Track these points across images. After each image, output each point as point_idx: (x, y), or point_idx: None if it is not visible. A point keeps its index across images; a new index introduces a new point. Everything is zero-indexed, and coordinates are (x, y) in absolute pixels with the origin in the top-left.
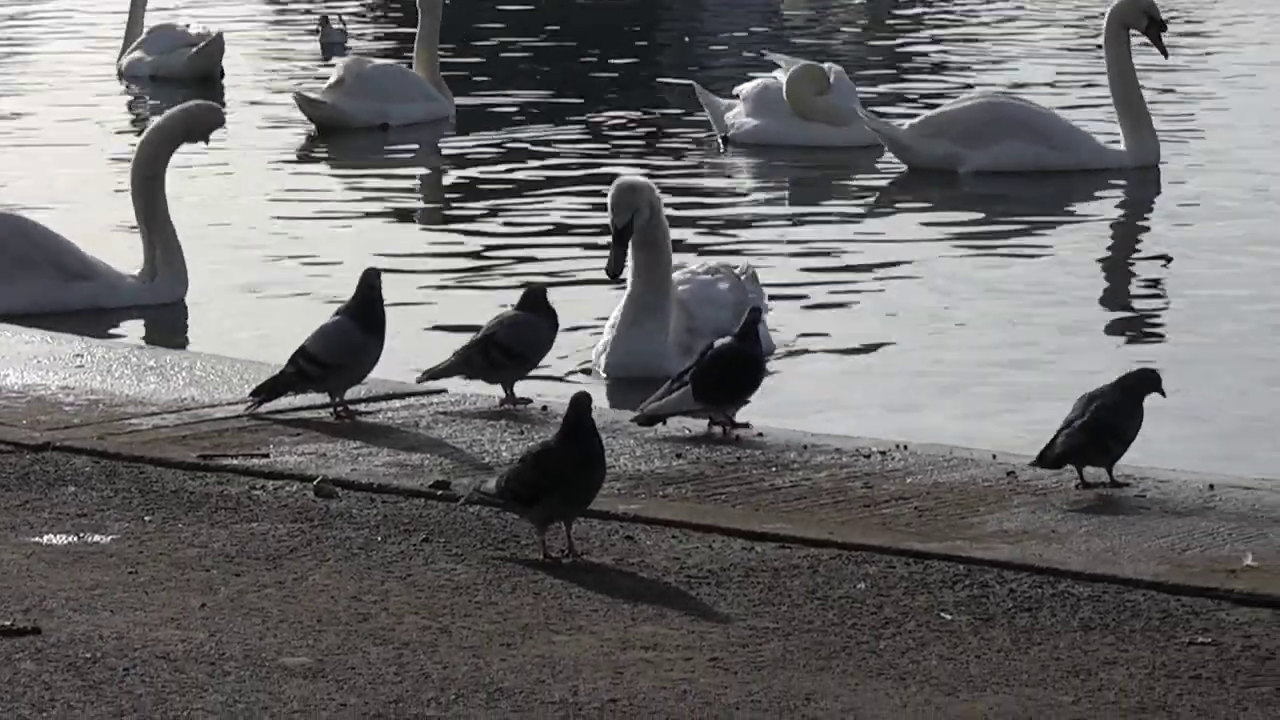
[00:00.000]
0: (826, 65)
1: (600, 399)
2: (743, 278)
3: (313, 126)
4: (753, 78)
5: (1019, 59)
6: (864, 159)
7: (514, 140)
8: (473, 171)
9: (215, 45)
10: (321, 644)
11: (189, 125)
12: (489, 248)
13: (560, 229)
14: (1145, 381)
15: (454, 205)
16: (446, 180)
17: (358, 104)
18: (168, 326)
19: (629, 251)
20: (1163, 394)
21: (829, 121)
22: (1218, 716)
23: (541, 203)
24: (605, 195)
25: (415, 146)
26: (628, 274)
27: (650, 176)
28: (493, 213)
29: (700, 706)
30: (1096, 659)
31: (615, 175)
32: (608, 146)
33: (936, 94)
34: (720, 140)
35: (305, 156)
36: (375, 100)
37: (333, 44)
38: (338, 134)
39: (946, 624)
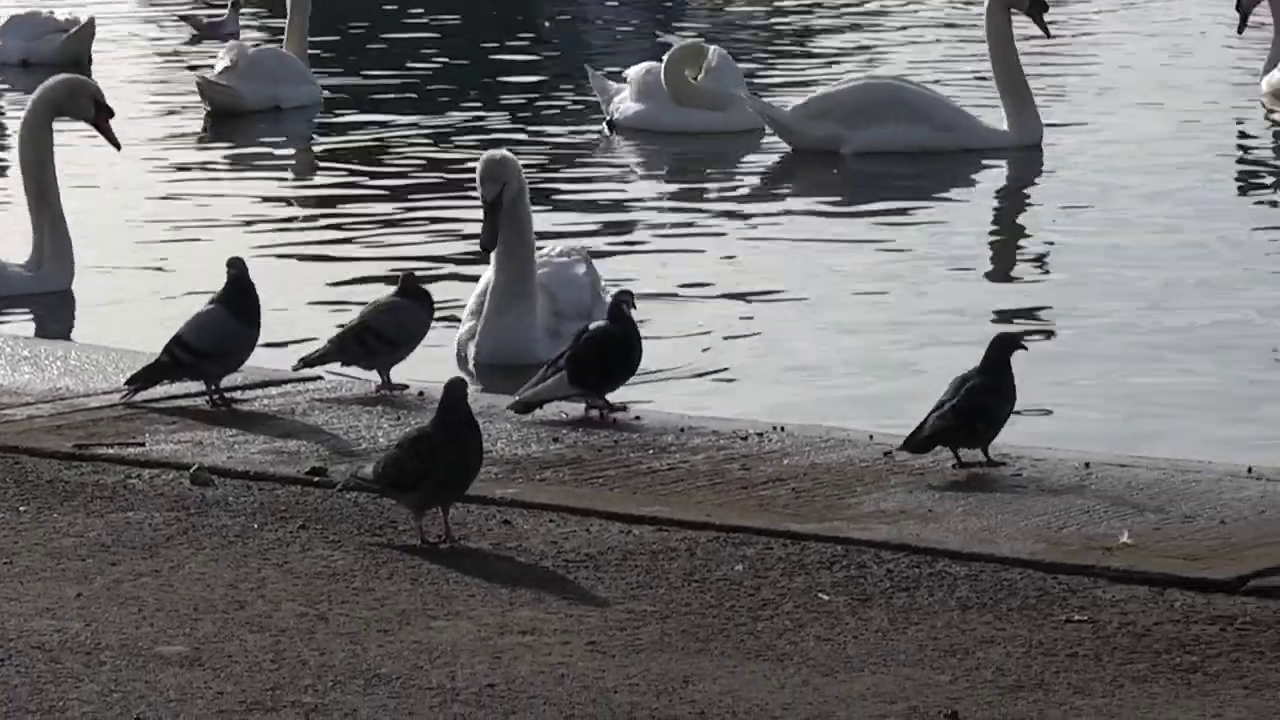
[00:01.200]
0: (709, 47)
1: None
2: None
3: (196, 110)
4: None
5: (908, 40)
6: (746, 143)
7: (394, 126)
8: (353, 160)
9: (87, 30)
10: (198, 632)
11: (60, 99)
12: (366, 235)
13: (438, 216)
14: (1005, 346)
15: (333, 191)
16: (326, 166)
17: (252, 87)
18: (54, 315)
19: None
20: (1024, 348)
21: (708, 106)
22: (1094, 694)
23: (419, 189)
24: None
25: (299, 131)
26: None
27: (530, 160)
28: (371, 199)
29: (578, 690)
30: (974, 638)
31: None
32: (493, 130)
33: (826, 76)
34: (606, 125)
35: (192, 141)
36: (268, 84)
37: (227, 32)
38: (229, 118)
39: (824, 605)
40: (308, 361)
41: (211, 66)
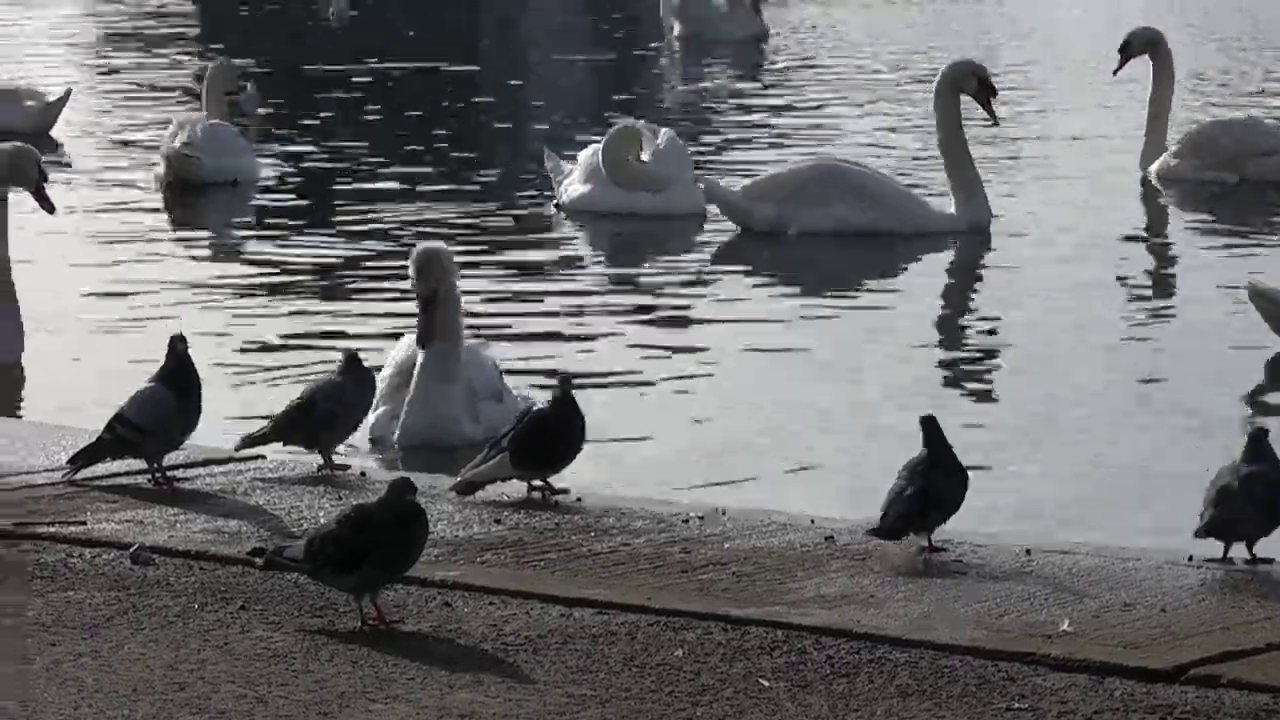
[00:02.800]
0: (657, 129)
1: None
2: None
3: (156, 184)
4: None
5: (859, 120)
6: (690, 224)
7: (342, 200)
8: (298, 236)
9: (61, 102)
10: (137, 714)
11: (4, 168)
12: (310, 313)
13: (385, 291)
14: (933, 428)
15: (277, 267)
16: (271, 242)
17: (213, 160)
18: (0, 389)
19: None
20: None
21: (646, 188)
22: None
23: (364, 266)
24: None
25: (245, 205)
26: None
27: (475, 239)
28: (316, 275)
29: None
30: None
31: (430, 240)
32: (442, 206)
33: (776, 156)
34: (554, 206)
35: (142, 214)
36: (227, 157)
37: (245, 110)
38: (184, 191)
39: (764, 691)
40: (250, 440)
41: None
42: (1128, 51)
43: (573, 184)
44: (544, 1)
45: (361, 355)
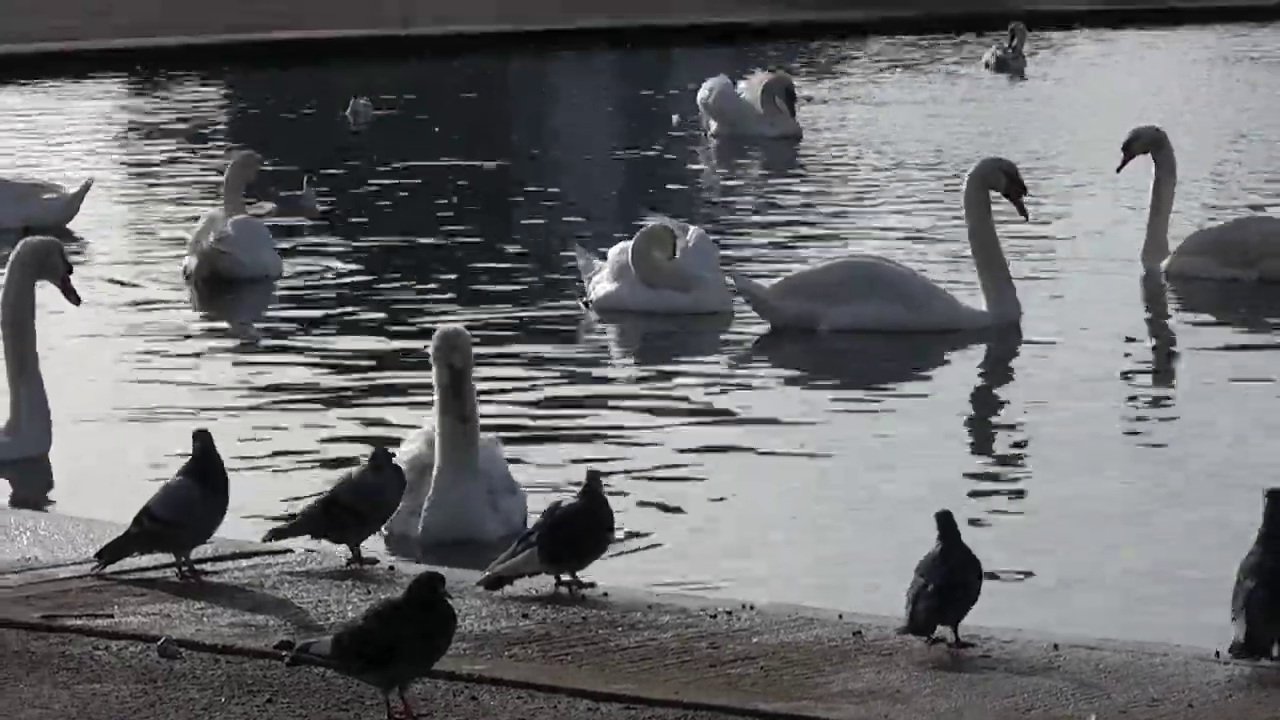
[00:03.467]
0: (686, 226)
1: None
2: None
3: (186, 278)
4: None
5: (896, 217)
6: (718, 321)
7: (365, 292)
8: (333, 334)
9: (81, 194)
10: None
11: (37, 260)
12: (338, 407)
13: (413, 388)
14: (949, 520)
15: (304, 363)
16: (301, 339)
17: (249, 256)
18: (28, 482)
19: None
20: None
21: (674, 287)
22: None
23: (388, 360)
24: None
25: (269, 301)
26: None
27: (502, 339)
28: (342, 370)
29: None
30: None
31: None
32: (472, 304)
33: (807, 254)
34: (583, 304)
35: (173, 308)
36: (259, 252)
37: (305, 206)
38: (217, 286)
39: None
40: (277, 534)
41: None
42: (1130, 150)
43: (602, 282)
44: (577, 98)
45: (391, 451)
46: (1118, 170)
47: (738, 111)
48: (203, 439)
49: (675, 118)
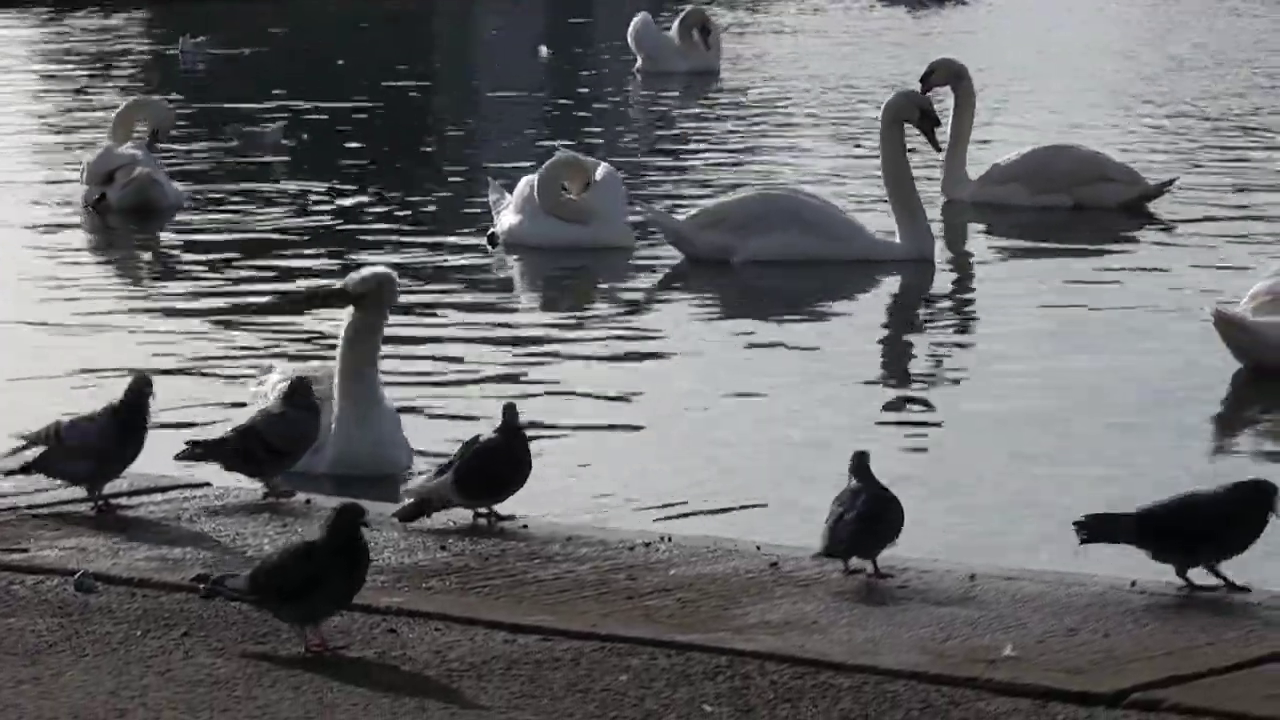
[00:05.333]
0: (596, 162)
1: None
2: None
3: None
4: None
5: (805, 149)
6: (626, 256)
7: (273, 222)
8: (243, 266)
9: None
10: None
11: None
12: (248, 338)
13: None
14: (863, 464)
15: (215, 297)
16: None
17: (170, 187)
18: None
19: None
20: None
21: (576, 220)
22: None
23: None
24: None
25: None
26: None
27: (412, 275)
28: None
29: None
30: None
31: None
32: (383, 240)
33: (722, 186)
34: (488, 239)
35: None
36: (171, 183)
37: (267, 142)
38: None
39: (708, 716)
40: (192, 456)
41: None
42: (928, 82)
43: (507, 216)
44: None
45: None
46: None
47: (657, 46)
48: (140, 385)
49: (543, 49)
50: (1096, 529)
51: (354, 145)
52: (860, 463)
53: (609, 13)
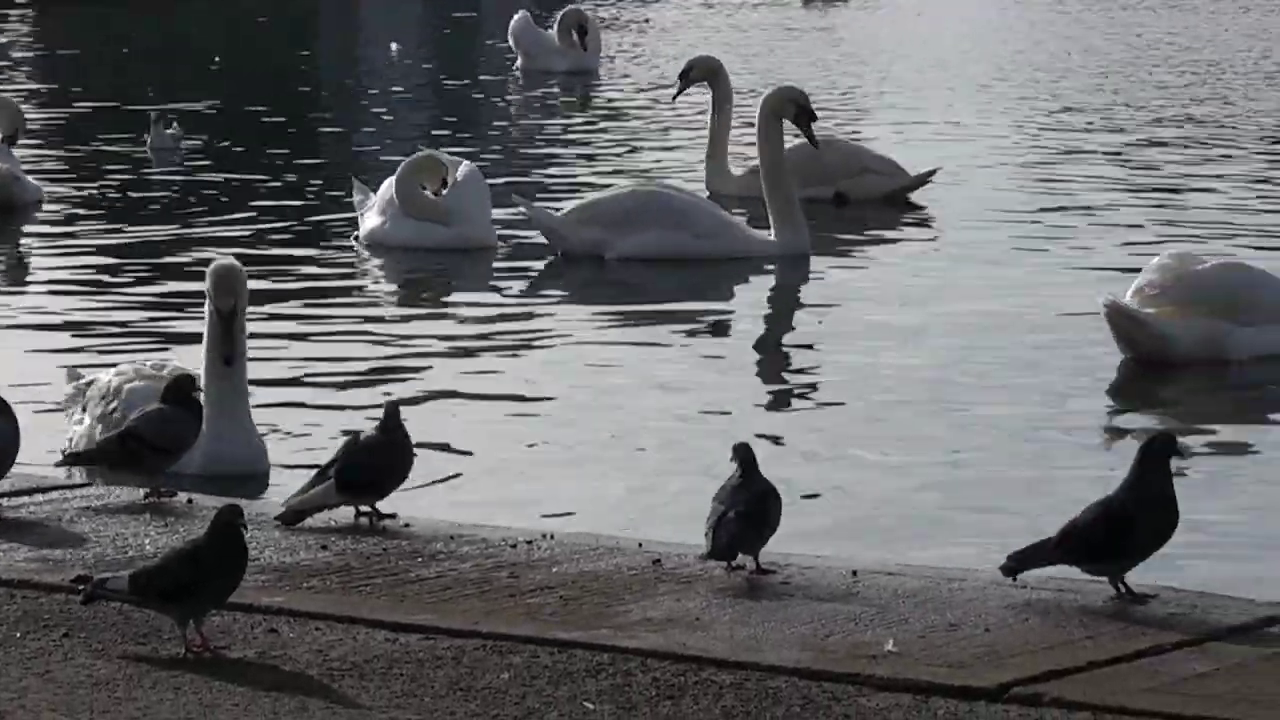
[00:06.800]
0: (457, 161)
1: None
2: None
3: None
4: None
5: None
6: (483, 257)
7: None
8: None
9: None
10: None
11: None
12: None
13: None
14: (747, 455)
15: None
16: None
17: (30, 183)
18: None
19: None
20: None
21: (437, 220)
22: None
23: (169, 289)
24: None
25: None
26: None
27: (276, 276)
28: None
29: None
30: None
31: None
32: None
33: (598, 182)
34: (354, 240)
35: None
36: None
37: (164, 149)
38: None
39: (589, 714)
40: (75, 456)
41: None
42: (687, 78)
43: (370, 216)
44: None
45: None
46: (674, 98)
47: (536, 45)
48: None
49: (394, 46)
50: (1023, 561)
51: (224, 145)
52: (744, 455)
53: (500, 7)
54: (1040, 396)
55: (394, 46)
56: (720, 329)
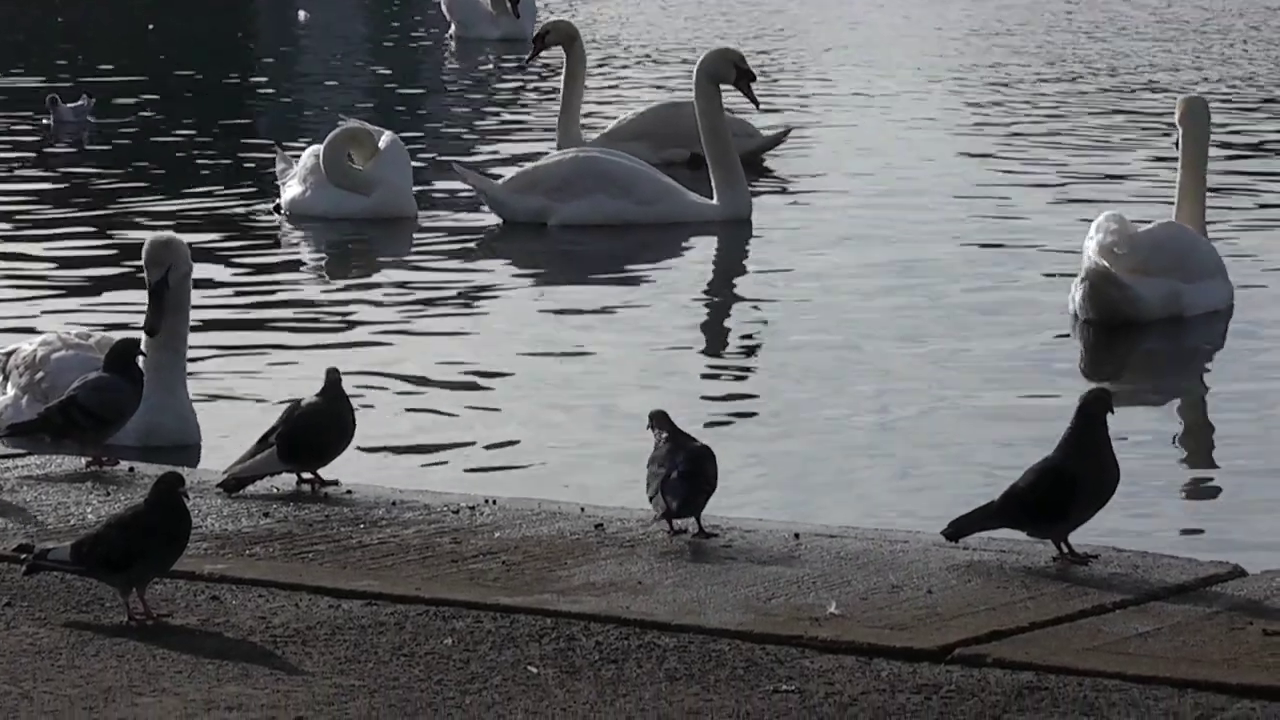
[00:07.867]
0: (381, 131)
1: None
2: None
3: None
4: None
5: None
6: (403, 226)
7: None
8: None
9: None
10: None
11: None
12: (44, 305)
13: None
14: (666, 420)
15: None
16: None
17: None
18: None
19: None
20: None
21: (358, 190)
22: None
23: (102, 258)
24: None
25: None
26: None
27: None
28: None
29: None
30: (681, 709)
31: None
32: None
33: (537, 150)
34: (274, 209)
35: None
36: None
37: (64, 122)
38: None
39: (533, 678)
40: (15, 430)
41: None
42: (542, 41)
43: (291, 186)
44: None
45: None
46: (527, 61)
47: (469, 13)
48: None
49: (302, 14)
50: (965, 526)
51: (146, 115)
52: (662, 419)
53: None
54: (984, 354)
55: (302, 15)
56: (659, 293)
